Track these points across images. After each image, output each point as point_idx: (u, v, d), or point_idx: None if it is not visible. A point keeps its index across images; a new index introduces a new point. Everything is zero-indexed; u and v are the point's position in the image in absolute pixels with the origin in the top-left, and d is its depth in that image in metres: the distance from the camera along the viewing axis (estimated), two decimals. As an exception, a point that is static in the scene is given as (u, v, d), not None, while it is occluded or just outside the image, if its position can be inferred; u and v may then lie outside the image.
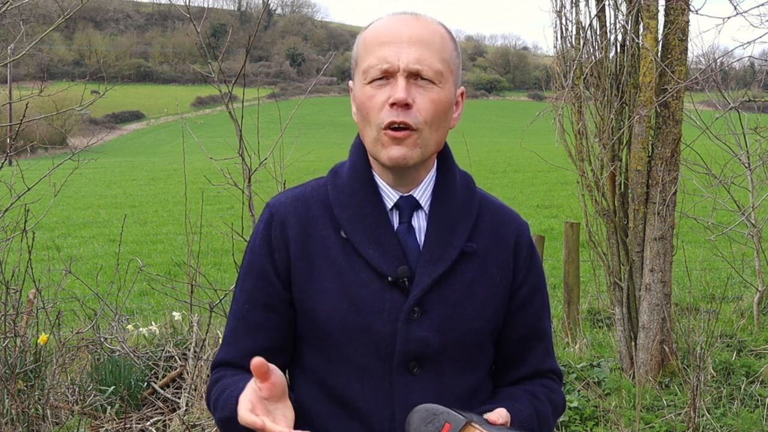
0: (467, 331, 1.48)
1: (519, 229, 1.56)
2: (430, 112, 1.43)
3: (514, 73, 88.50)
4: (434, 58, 1.43)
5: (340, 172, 1.54)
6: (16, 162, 4.76)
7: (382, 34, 1.45)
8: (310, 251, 1.48)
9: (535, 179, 21.41)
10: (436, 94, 1.43)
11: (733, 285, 7.62)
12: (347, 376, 1.46)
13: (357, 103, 1.48)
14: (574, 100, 4.93)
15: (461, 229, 1.50)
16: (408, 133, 1.42)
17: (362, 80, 1.45)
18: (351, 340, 1.45)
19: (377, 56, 1.42)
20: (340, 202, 1.49)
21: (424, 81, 1.42)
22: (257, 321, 1.50)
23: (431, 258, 1.46)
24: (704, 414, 4.29)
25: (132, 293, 6.39)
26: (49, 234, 12.43)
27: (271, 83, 69.48)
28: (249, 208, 3.85)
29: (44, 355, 4.12)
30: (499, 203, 1.60)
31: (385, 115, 1.42)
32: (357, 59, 1.49)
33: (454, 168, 1.56)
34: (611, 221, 4.89)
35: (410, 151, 1.43)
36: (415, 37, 1.43)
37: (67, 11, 4.14)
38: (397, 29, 1.44)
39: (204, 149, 4.09)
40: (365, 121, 1.46)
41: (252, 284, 1.52)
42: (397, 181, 1.50)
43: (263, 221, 1.54)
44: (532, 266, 1.57)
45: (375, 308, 1.44)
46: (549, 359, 1.61)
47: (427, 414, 1.34)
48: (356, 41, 1.51)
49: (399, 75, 1.41)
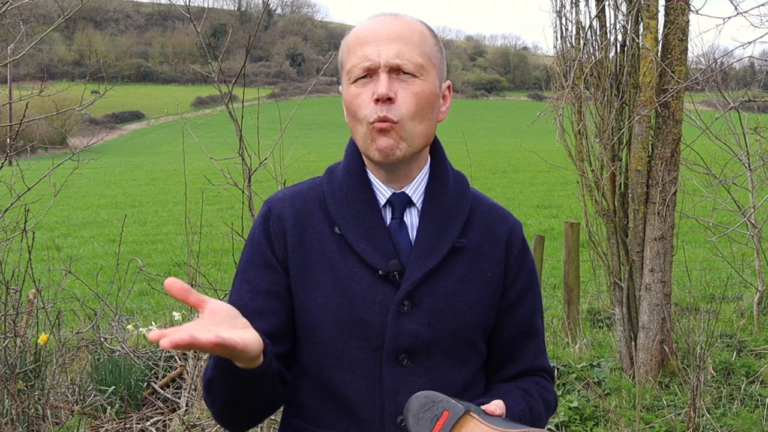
0: (457, 325, 1.50)
1: (511, 228, 1.60)
2: (413, 105, 1.46)
3: (514, 73, 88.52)
4: (414, 52, 1.47)
5: (335, 171, 1.58)
6: (16, 162, 4.76)
7: (362, 35, 1.49)
8: (306, 245, 1.52)
9: (535, 179, 21.41)
10: (419, 87, 1.47)
11: (733, 285, 7.62)
12: (338, 368, 1.49)
13: (345, 104, 1.52)
14: (574, 100, 4.93)
15: (453, 226, 1.53)
16: (391, 125, 1.46)
17: (347, 81, 1.50)
18: (343, 333, 1.48)
19: (359, 56, 1.47)
20: (334, 199, 1.53)
21: (406, 75, 1.46)
22: (259, 307, 1.51)
23: (422, 253, 1.50)
24: (704, 414, 4.29)
25: (132, 293, 6.39)
26: (49, 234, 12.43)
27: (271, 83, 69.48)
28: (249, 208, 3.85)
29: (44, 355, 4.12)
30: (492, 202, 1.63)
31: (370, 111, 1.46)
32: (342, 63, 1.53)
33: (447, 166, 1.59)
34: (611, 221, 4.89)
35: (396, 144, 1.46)
36: (393, 33, 1.47)
37: (67, 11, 4.14)
38: (376, 28, 1.49)
39: (204, 149, 4.09)
40: (354, 120, 1.50)
41: (254, 274, 1.53)
42: (390, 177, 1.54)
43: (261, 215, 1.57)
44: (524, 264, 1.60)
45: (366, 301, 1.48)
46: (541, 357, 1.63)
47: (427, 401, 1.35)
48: (340, 47, 1.55)
49: (381, 71, 1.45)
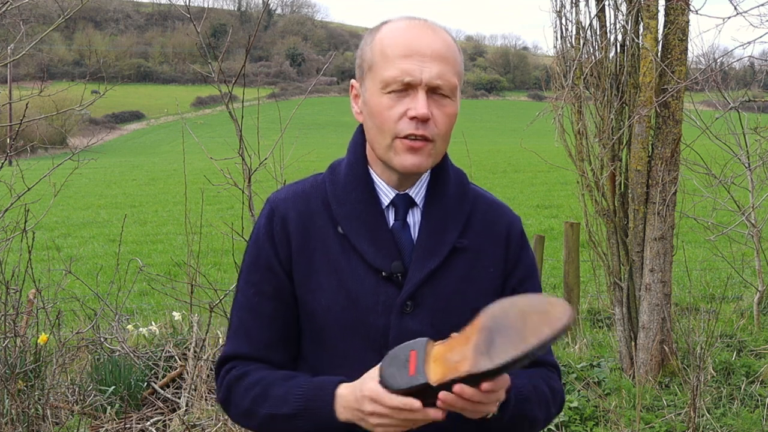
0: (460, 324, 1.49)
1: (510, 223, 1.61)
2: (446, 125, 1.48)
3: (514, 73, 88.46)
4: (451, 72, 1.48)
5: (338, 169, 1.58)
6: (16, 162, 4.77)
7: (402, 45, 1.47)
8: (310, 246, 1.52)
9: (535, 179, 21.41)
10: (451, 108, 1.49)
11: (733, 285, 7.61)
12: (343, 369, 1.48)
13: (371, 110, 1.50)
14: (574, 100, 4.93)
15: (454, 226, 1.54)
16: (424, 143, 1.46)
17: (379, 88, 1.48)
18: (347, 334, 1.49)
19: (400, 69, 1.45)
20: (337, 199, 1.53)
21: (441, 96, 1.47)
22: (267, 312, 1.52)
23: (424, 253, 1.50)
24: (704, 414, 4.29)
25: (132, 293, 6.39)
26: (49, 234, 12.42)
27: (271, 83, 69.44)
28: (249, 208, 3.85)
29: (44, 355, 4.12)
30: (492, 198, 1.65)
31: (403, 126, 1.46)
32: (372, 65, 1.50)
33: (448, 165, 1.60)
34: (611, 221, 4.89)
35: (425, 161, 1.48)
36: (436, 52, 1.47)
37: (67, 11, 4.14)
38: (418, 42, 1.47)
39: (204, 149, 4.09)
40: (378, 129, 1.49)
41: (259, 276, 1.54)
42: (399, 183, 1.54)
43: (264, 216, 1.57)
44: (523, 256, 1.61)
45: (370, 302, 1.48)
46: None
47: (391, 357, 1.34)
48: (368, 43, 1.52)
49: (420, 89, 1.45)
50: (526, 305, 1.31)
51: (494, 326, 1.30)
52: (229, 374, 1.53)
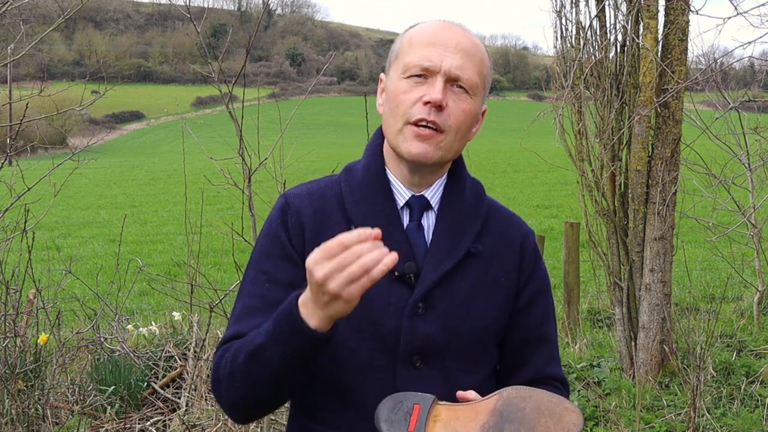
0: (471, 328, 1.50)
1: (524, 235, 1.61)
2: (460, 119, 1.48)
3: (514, 73, 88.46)
4: (474, 69, 1.49)
5: (354, 170, 1.57)
6: (16, 162, 4.76)
7: (430, 34, 1.50)
8: (323, 242, 1.49)
9: (535, 179, 21.41)
10: (468, 105, 1.49)
11: (733, 285, 7.61)
12: (352, 368, 1.47)
13: (389, 95, 1.51)
14: (574, 100, 4.93)
15: (469, 231, 1.53)
16: (434, 133, 1.46)
17: (400, 73, 1.49)
18: (357, 333, 1.47)
19: (421, 54, 1.47)
20: (353, 198, 1.53)
21: (460, 89, 1.47)
22: (278, 298, 1.45)
23: (438, 256, 1.50)
24: (704, 414, 4.29)
25: (132, 293, 6.39)
26: (49, 234, 12.42)
27: (271, 83, 69.42)
28: (249, 208, 3.85)
29: (44, 355, 4.12)
30: (507, 210, 1.65)
31: (416, 110, 1.46)
32: (398, 53, 1.53)
33: (465, 174, 1.60)
34: (611, 221, 4.89)
35: (433, 151, 1.47)
36: (461, 45, 1.48)
37: (67, 11, 4.14)
38: (445, 34, 1.49)
39: (204, 149, 4.09)
40: (392, 113, 1.49)
41: (272, 265, 1.51)
42: (412, 180, 1.53)
43: (278, 208, 1.55)
44: (536, 270, 1.60)
45: (381, 303, 1.47)
46: (553, 365, 1.61)
47: (394, 402, 1.34)
48: (400, 38, 1.55)
49: (439, 76, 1.46)
50: (542, 403, 1.31)
51: (507, 414, 1.30)
52: (218, 355, 1.48)
